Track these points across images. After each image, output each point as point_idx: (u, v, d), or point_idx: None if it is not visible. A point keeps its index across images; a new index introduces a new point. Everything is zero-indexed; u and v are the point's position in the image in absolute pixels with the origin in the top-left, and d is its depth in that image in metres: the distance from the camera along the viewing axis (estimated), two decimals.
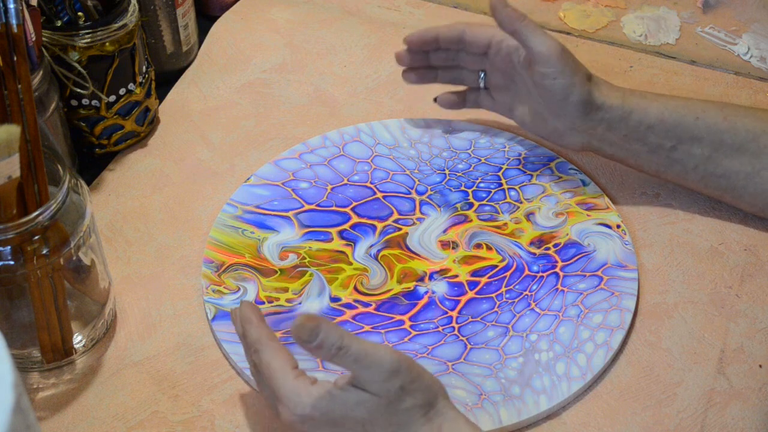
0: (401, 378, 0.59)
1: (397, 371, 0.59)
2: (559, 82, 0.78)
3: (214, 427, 0.70)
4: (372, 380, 0.59)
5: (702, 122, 0.79)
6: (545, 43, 0.78)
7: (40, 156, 0.68)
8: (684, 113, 0.79)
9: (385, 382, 0.59)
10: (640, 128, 0.79)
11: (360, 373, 0.59)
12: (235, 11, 1.06)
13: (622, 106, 0.79)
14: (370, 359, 0.59)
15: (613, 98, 0.79)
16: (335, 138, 0.90)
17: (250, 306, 0.67)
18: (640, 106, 0.79)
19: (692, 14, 1.05)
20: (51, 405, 0.72)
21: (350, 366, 0.59)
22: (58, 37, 0.82)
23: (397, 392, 0.59)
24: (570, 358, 0.73)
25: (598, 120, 0.79)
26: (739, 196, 0.81)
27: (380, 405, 0.59)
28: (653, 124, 0.79)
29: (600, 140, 0.81)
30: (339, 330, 0.59)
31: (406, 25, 1.04)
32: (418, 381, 0.60)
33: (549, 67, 0.78)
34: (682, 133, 0.79)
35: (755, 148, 0.78)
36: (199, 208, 0.86)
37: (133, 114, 0.89)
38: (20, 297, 0.70)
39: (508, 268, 0.80)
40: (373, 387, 0.59)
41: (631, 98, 0.80)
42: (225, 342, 0.74)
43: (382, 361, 0.59)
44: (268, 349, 0.63)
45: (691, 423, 0.70)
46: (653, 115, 0.79)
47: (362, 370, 0.59)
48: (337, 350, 0.58)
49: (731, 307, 0.78)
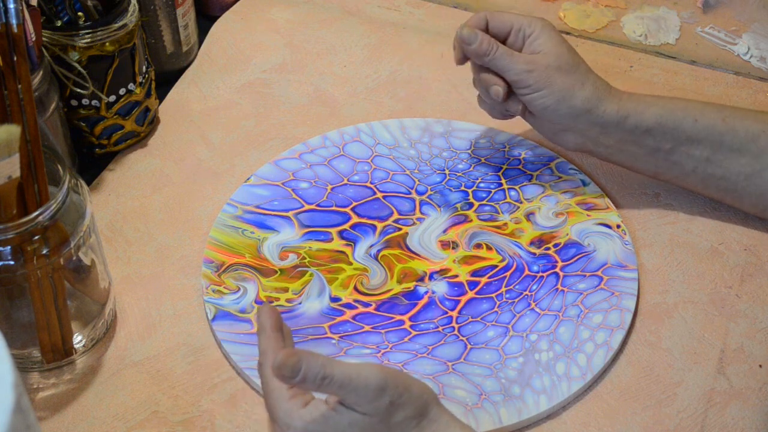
0: (389, 394, 0.59)
1: (384, 388, 0.59)
2: (534, 97, 0.79)
3: (214, 427, 0.70)
4: (360, 402, 0.59)
5: (701, 124, 0.79)
6: (512, 68, 0.78)
7: (40, 156, 0.68)
8: (682, 116, 0.79)
9: (374, 401, 0.59)
10: (636, 132, 0.79)
11: (347, 396, 0.59)
12: (235, 11, 1.06)
13: (617, 111, 0.79)
14: (355, 383, 0.59)
15: (607, 103, 0.79)
16: (335, 138, 0.90)
17: (267, 312, 0.65)
18: (637, 111, 0.79)
19: (692, 14, 1.05)
20: (51, 405, 0.72)
21: (338, 392, 0.59)
22: (58, 37, 0.82)
23: (387, 408, 0.59)
24: (570, 358, 0.73)
25: (591, 123, 0.79)
26: (740, 197, 0.81)
27: (372, 423, 0.59)
28: (650, 127, 0.79)
29: (594, 143, 0.81)
30: (320, 359, 0.58)
31: (406, 25, 1.04)
32: (407, 393, 0.60)
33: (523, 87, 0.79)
34: (680, 135, 0.79)
35: (755, 149, 0.78)
36: (199, 208, 0.86)
37: (133, 114, 0.89)
38: (20, 297, 0.70)
39: (508, 268, 0.80)
40: (362, 408, 0.59)
41: (627, 103, 0.79)
42: (225, 342, 0.74)
43: (367, 382, 0.59)
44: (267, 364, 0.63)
45: (691, 423, 0.71)
46: (650, 119, 0.79)
47: (349, 394, 0.59)
48: (321, 380, 0.58)
49: (731, 307, 0.78)
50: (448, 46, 0.99)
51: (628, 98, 0.79)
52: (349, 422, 0.60)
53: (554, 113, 0.79)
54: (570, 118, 0.79)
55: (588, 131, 0.80)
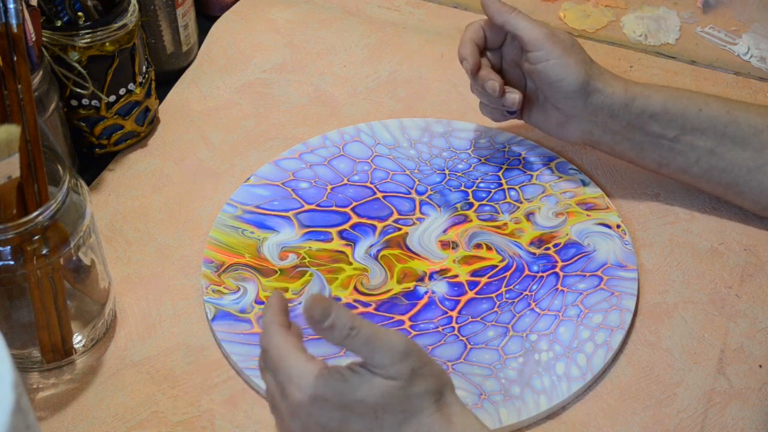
0: (412, 361, 0.58)
1: (408, 354, 0.58)
2: (551, 63, 0.79)
3: (214, 427, 0.70)
4: (383, 363, 0.58)
5: (705, 114, 0.79)
6: (533, 29, 0.80)
7: (40, 156, 0.68)
8: (687, 104, 0.79)
9: (398, 364, 0.58)
10: (643, 116, 0.79)
11: (371, 355, 0.58)
12: (235, 11, 1.06)
13: (625, 93, 0.80)
14: (381, 341, 0.58)
15: (615, 85, 0.80)
16: (335, 138, 0.90)
17: (278, 295, 0.65)
18: (643, 95, 0.80)
19: (692, 14, 1.05)
20: (51, 405, 0.72)
21: (361, 348, 0.58)
22: (58, 37, 0.82)
23: (409, 375, 0.58)
24: (570, 358, 0.73)
25: (599, 105, 0.80)
26: (742, 192, 0.81)
27: (393, 389, 0.58)
28: (656, 112, 0.79)
29: (602, 129, 0.81)
30: (350, 312, 0.58)
31: (406, 25, 1.04)
32: (429, 366, 0.59)
33: (538, 50, 0.79)
34: (684, 123, 0.79)
35: (758, 143, 0.79)
36: (199, 208, 0.86)
37: (133, 114, 0.89)
38: (20, 297, 0.70)
39: (508, 268, 0.80)
40: (384, 370, 0.58)
41: (634, 87, 0.80)
42: (225, 342, 0.74)
43: (392, 344, 0.58)
44: (279, 332, 0.62)
45: (691, 423, 0.71)
46: (656, 104, 0.79)
47: (374, 353, 0.58)
48: (348, 331, 0.57)
49: (731, 307, 0.78)
50: (448, 46, 0.99)
51: (633, 83, 0.81)
52: (369, 386, 0.58)
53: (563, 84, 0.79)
54: (578, 96, 0.79)
55: (595, 116, 0.80)
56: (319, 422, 0.59)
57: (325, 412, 0.59)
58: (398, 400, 0.59)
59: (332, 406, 0.59)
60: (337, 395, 0.59)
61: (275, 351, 0.61)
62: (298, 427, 0.60)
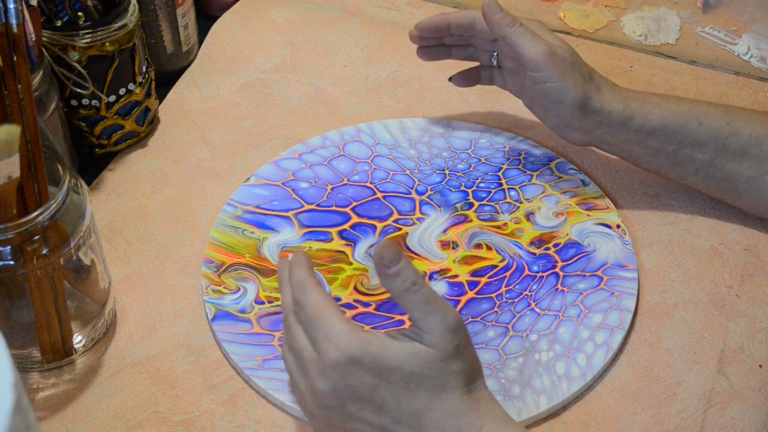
0: (460, 336, 0.58)
1: (458, 329, 0.58)
2: (549, 86, 0.79)
3: (214, 427, 0.70)
4: (433, 328, 0.57)
5: (705, 127, 0.79)
6: (533, 49, 0.78)
7: (40, 156, 0.68)
8: (686, 119, 0.79)
9: (446, 334, 0.57)
10: (641, 133, 0.79)
11: (425, 317, 0.57)
12: (235, 11, 1.06)
13: (623, 111, 0.79)
14: (438, 307, 0.57)
15: (614, 103, 0.79)
16: (335, 138, 0.90)
17: (304, 254, 0.64)
18: (642, 111, 0.79)
19: (692, 14, 1.05)
20: (51, 405, 0.72)
21: (418, 306, 0.57)
22: (58, 37, 0.82)
23: (453, 351, 0.58)
24: (570, 358, 0.73)
25: (597, 123, 0.79)
26: (740, 198, 0.81)
27: (434, 359, 0.58)
28: (655, 129, 0.79)
29: (599, 140, 0.81)
30: (417, 270, 0.57)
31: (406, 25, 1.04)
32: (471, 348, 0.59)
33: (538, 71, 0.78)
34: (683, 138, 0.79)
35: (758, 152, 0.78)
36: (199, 208, 0.86)
37: (133, 114, 0.89)
38: (20, 297, 0.70)
39: (508, 268, 0.80)
40: (431, 338, 0.58)
41: (632, 103, 0.79)
42: (225, 342, 0.74)
43: (447, 313, 0.57)
44: (317, 289, 0.61)
45: (691, 423, 0.71)
46: (655, 121, 0.79)
47: (427, 315, 0.57)
48: (411, 284, 0.57)
49: (731, 307, 0.78)
50: None
51: (633, 98, 0.79)
52: (411, 352, 0.58)
53: (560, 105, 0.79)
54: (575, 115, 0.79)
55: (593, 131, 0.80)
56: (350, 384, 0.58)
57: (359, 375, 0.58)
58: (434, 372, 0.58)
59: (367, 371, 0.58)
60: (374, 360, 0.58)
61: (313, 307, 0.60)
62: (325, 386, 0.59)
